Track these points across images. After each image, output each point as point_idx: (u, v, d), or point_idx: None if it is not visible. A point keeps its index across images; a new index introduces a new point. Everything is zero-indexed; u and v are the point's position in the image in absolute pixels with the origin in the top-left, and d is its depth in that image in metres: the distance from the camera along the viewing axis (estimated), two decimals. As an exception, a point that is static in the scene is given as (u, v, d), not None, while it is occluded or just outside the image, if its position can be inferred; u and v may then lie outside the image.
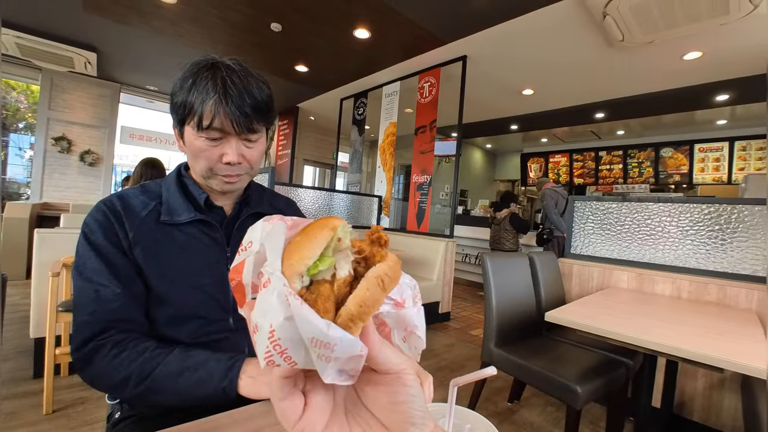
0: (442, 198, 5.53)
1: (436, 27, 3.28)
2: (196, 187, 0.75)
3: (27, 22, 3.75)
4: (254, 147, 0.72)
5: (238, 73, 0.67)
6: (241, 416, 0.57)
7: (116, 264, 0.67)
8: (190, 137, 0.68)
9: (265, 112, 0.70)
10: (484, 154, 8.77)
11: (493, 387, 2.29)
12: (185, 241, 0.72)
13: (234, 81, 0.65)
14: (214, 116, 0.64)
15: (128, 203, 0.71)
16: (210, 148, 0.68)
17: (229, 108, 0.64)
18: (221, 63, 0.68)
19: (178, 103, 0.67)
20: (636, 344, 1.15)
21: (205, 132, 0.66)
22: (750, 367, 0.96)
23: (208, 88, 0.64)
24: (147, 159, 2.46)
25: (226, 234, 0.76)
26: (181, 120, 0.68)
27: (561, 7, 2.76)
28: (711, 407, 1.86)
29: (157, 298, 0.69)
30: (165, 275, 0.70)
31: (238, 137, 0.68)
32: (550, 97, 4.80)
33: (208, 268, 0.73)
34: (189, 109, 0.65)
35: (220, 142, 0.68)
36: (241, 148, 0.69)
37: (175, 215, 0.72)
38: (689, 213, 2.05)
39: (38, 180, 5.08)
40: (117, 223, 0.69)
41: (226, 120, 0.65)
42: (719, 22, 2.60)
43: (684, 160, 5.92)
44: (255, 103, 0.67)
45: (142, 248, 0.69)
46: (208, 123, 0.64)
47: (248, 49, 4.07)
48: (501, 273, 1.83)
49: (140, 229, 0.70)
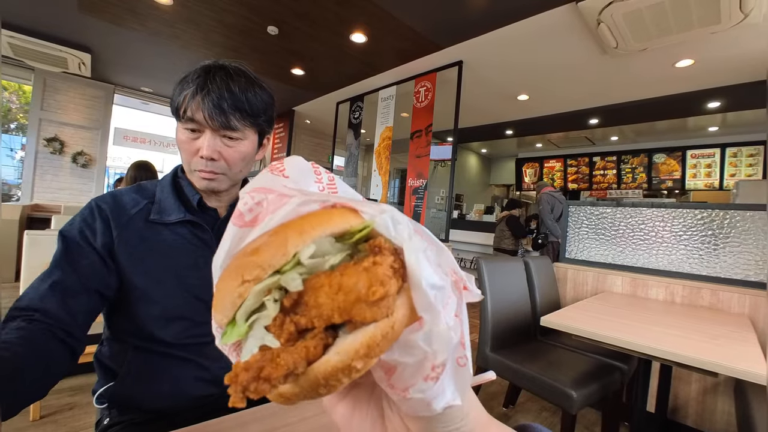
0: (437, 202, 5.54)
1: (433, 32, 3.30)
2: (191, 188, 0.75)
3: (20, 21, 3.71)
4: (234, 146, 0.70)
5: (228, 72, 0.68)
6: (251, 417, 0.56)
7: (76, 254, 0.65)
8: (177, 130, 0.71)
9: (249, 113, 0.69)
10: (479, 159, 8.81)
11: (489, 392, 2.28)
12: (174, 240, 0.72)
13: (217, 78, 0.66)
14: (188, 106, 0.66)
15: (119, 201, 0.71)
16: (189, 140, 0.69)
17: (204, 101, 0.65)
18: (217, 65, 0.69)
19: (172, 99, 0.70)
20: (632, 349, 1.16)
21: (183, 123, 0.68)
22: (745, 372, 0.96)
23: (191, 82, 0.67)
24: (139, 162, 2.45)
25: (217, 236, 0.75)
26: (174, 113, 0.71)
27: (556, 14, 2.79)
28: (705, 412, 1.86)
29: (144, 296, 0.68)
30: (151, 274, 0.69)
31: (215, 132, 0.68)
32: (545, 103, 4.84)
33: (196, 269, 0.72)
34: (175, 100, 0.69)
35: (198, 135, 0.69)
36: (219, 144, 0.69)
37: (164, 215, 0.72)
38: (683, 218, 2.06)
39: (29, 181, 5.01)
40: (100, 221, 0.68)
41: (199, 112, 0.66)
42: (710, 30, 2.64)
43: (676, 166, 6.00)
44: (235, 100, 0.67)
45: (128, 246, 0.68)
46: (183, 112, 0.67)
47: (244, 52, 4.06)
48: (496, 277, 1.83)
49: (127, 228, 0.69)
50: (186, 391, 0.72)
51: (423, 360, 0.17)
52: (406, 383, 0.17)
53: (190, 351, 0.72)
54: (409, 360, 0.17)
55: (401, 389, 0.17)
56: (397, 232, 0.18)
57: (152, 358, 0.70)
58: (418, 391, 0.17)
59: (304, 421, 0.57)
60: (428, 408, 0.18)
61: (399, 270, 0.17)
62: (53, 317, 0.58)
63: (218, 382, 0.73)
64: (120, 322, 0.72)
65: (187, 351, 0.71)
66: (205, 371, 0.73)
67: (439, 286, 0.18)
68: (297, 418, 0.58)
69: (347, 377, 0.16)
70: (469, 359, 0.20)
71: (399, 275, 0.17)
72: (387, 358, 0.17)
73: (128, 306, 0.69)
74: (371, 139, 4.89)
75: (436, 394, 0.18)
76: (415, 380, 0.17)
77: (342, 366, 0.16)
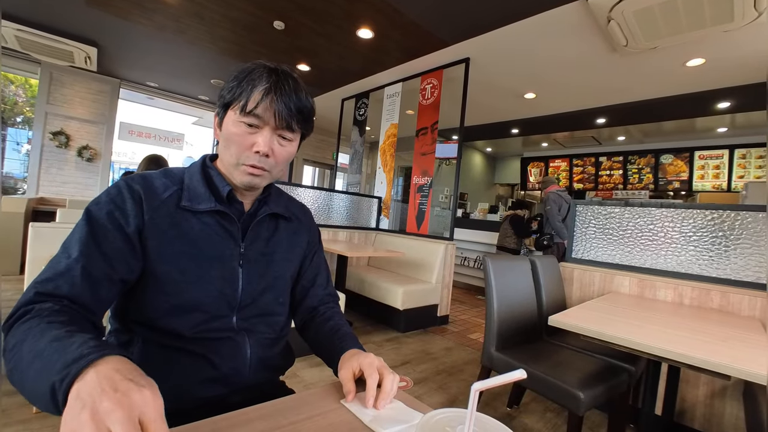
0: (441, 200, 5.52)
1: (440, 28, 3.27)
2: (221, 179, 0.75)
3: (27, 15, 3.72)
4: (285, 146, 0.73)
5: (293, 78, 0.72)
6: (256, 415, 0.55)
7: (102, 237, 0.63)
8: (228, 122, 0.70)
9: (306, 117, 0.73)
10: (484, 158, 8.78)
11: (493, 392, 2.26)
12: (201, 230, 0.71)
13: (289, 81, 0.70)
14: (260, 103, 0.67)
15: (150, 184, 0.70)
16: (245, 134, 0.69)
17: (277, 100, 0.68)
18: (282, 68, 0.72)
19: (228, 89, 0.70)
20: (641, 350, 1.13)
21: (246, 117, 0.68)
22: (757, 375, 0.94)
23: (263, 79, 0.69)
24: (152, 155, 2.43)
25: (243, 229, 0.76)
26: (226, 104, 0.71)
27: (565, 11, 2.76)
28: (713, 416, 1.84)
29: (164, 283, 0.67)
30: (176, 261, 0.68)
31: (273, 131, 0.70)
32: (552, 102, 4.80)
33: (220, 261, 0.72)
34: (238, 94, 0.68)
35: (256, 130, 0.70)
36: (274, 142, 0.71)
37: (195, 202, 0.71)
38: (692, 219, 2.03)
39: (35, 174, 5.03)
40: (132, 202, 0.66)
41: (270, 109, 0.68)
42: (723, 29, 2.60)
43: (684, 167, 5.94)
44: (300, 104, 0.71)
45: (158, 230, 0.67)
46: (252, 107, 0.67)
47: (250, 47, 4.06)
48: (503, 276, 1.81)
49: (159, 211, 0.68)
50: (192, 391, 0.70)
51: None
52: None
53: (203, 346, 0.70)
54: None
55: None
56: None
57: (161, 351, 0.69)
58: None
59: (310, 419, 0.56)
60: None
61: None
62: (81, 304, 0.58)
63: (227, 382, 0.72)
64: (131, 311, 0.70)
65: (199, 346, 0.70)
66: (214, 370, 0.71)
67: None
68: (303, 416, 0.57)
69: None
70: None
71: None
72: None
73: (144, 294, 0.67)
74: (376, 136, 4.87)
75: None
76: None
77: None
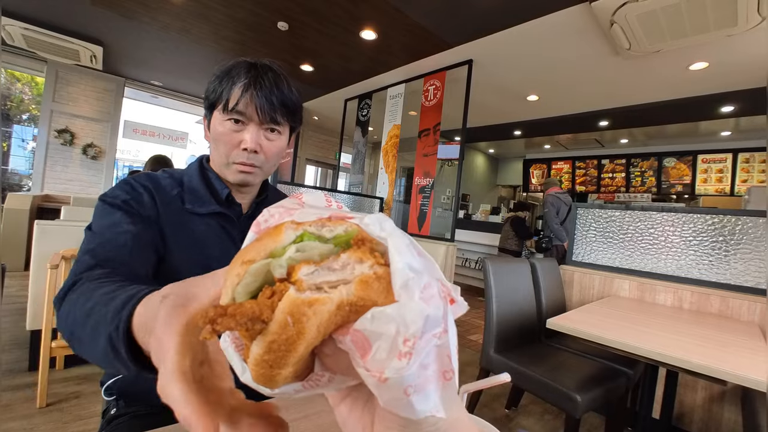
0: (443, 202, 5.52)
1: (443, 30, 3.28)
2: (219, 181, 0.76)
3: (34, 13, 3.75)
4: (274, 141, 0.73)
5: (274, 71, 0.71)
6: None
7: (135, 212, 0.64)
8: (215, 123, 0.71)
9: (291, 110, 0.73)
10: (487, 159, 8.77)
11: (491, 393, 2.27)
12: (202, 232, 0.72)
13: (269, 75, 0.70)
14: (240, 99, 0.68)
15: (158, 182, 0.72)
16: (231, 132, 0.70)
17: (256, 94, 0.68)
18: (262, 63, 0.72)
19: (210, 89, 0.71)
20: (639, 354, 1.14)
21: (229, 114, 0.68)
22: (755, 381, 0.95)
23: (241, 76, 0.68)
24: (157, 156, 2.46)
25: (241, 230, 0.77)
26: (211, 105, 0.71)
27: (569, 14, 2.76)
28: (710, 420, 1.84)
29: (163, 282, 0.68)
30: (183, 260, 0.69)
31: (259, 126, 0.70)
32: (554, 104, 4.79)
33: (219, 263, 0.72)
34: (219, 93, 0.69)
35: (242, 127, 0.70)
36: (261, 138, 0.71)
37: (197, 205, 0.72)
38: (693, 223, 2.03)
39: (40, 172, 5.07)
40: (147, 194, 0.68)
41: (251, 105, 0.68)
42: (727, 33, 2.59)
43: (687, 170, 5.92)
44: (282, 97, 0.71)
45: (168, 226, 0.68)
46: (233, 104, 0.68)
47: (254, 47, 4.07)
48: (502, 278, 1.81)
49: (170, 206, 0.70)
50: None
51: (396, 335, 0.17)
52: (382, 364, 0.17)
53: None
54: (382, 331, 0.17)
55: (377, 371, 0.17)
56: (382, 228, 0.20)
57: None
58: (392, 370, 0.17)
59: (306, 419, 0.57)
60: (410, 408, 0.18)
61: (380, 257, 0.19)
62: (127, 265, 0.58)
63: None
64: None
65: None
66: None
67: (417, 270, 0.18)
68: (300, 414, 0.58)
69: (311, 309, 0.17)
70: (456, 374, 0.20)
71: (380, 261, 0.19)
72: (360, 327, 0.18)
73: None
74: (379, 136, 4.88)
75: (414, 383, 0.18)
76: (390, 359, 0.17)
77: (305, 298, 0.17)
